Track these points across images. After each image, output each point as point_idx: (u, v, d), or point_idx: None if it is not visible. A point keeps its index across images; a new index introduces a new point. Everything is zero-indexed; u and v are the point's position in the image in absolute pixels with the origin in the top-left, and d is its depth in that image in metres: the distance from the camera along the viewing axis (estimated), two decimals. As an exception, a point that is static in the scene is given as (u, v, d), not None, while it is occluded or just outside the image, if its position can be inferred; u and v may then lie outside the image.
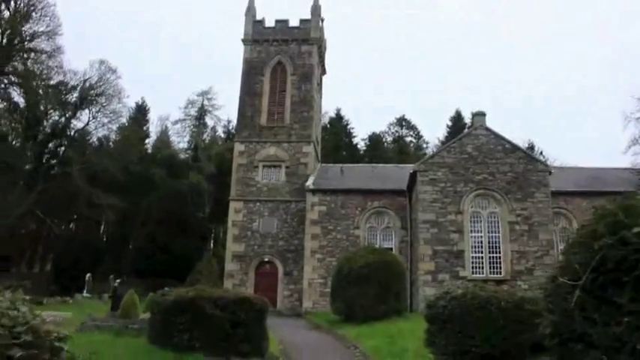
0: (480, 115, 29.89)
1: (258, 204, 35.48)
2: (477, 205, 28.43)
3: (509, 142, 29.32)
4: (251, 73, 38.47)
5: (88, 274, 37.81)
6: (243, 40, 39.20)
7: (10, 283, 40.17)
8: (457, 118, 67.94)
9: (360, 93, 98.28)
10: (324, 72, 43.88)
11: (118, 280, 23.88)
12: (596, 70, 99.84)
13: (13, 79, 47.25)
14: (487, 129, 29.56)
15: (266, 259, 34.70)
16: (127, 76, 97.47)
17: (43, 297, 35.31)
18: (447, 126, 67.62)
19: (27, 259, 51.97)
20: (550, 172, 28.84)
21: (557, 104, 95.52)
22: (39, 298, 34.66)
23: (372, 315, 20.01)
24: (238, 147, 37.05)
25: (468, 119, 64.68)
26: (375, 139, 69.35)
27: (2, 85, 48.10)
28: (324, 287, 30.45)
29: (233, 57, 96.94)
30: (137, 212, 49.47)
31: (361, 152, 67.21)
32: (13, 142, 52.20)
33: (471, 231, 28.01)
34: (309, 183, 33.92)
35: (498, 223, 28.09)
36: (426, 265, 27.36)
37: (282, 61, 38.74)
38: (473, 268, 27.43)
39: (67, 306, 28.56)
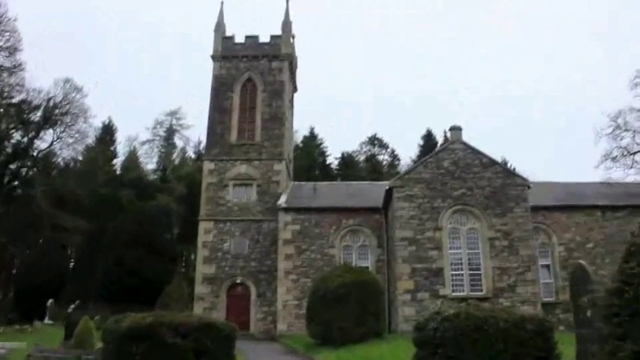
0: (456, 130, 29.21)
1: (228, 224, 34.21)
2: (455, 221, 27.63)
3: (486, 156, 28.65)
4: (220, 89, 37.41)
5: (50, 300, 36.07)
6: (213, 57, 38.18)
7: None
8: (428, 137, 67.78)
9: (332, 111, 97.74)
10: (295, 89, 43.01)
11: (72, 306, 22.25)
12: (564, 83, 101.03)
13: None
14: (464, 143, 28.89)
15: (238, 281, 33.37)
16: (93, 95, 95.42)
17: (-1, 325, 33.55)
18: (419, 145, 67.36)
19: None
20: (529, 187, 28.21)
21: (525, 121, 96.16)
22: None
23: (350, 338, 18.96)
24: (208, 165, 35.81)
25: (439, 137, 64.71)
26: (347, 158, 68.77)
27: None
28: (300, 309, 29.25)
29: (203, 75, 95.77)
30: (104, 235, 47.77)
31: (334, 171, 66.48)
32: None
33: (450, 248, 27.14)
34: (282, 201, 32.81)
35: (478, 239, 27.29)
36: (405, 283, 26.36)
37: (252, 77, 37.78)
38: (453, 285, 26.52)
39: (25, 335, 26.88)
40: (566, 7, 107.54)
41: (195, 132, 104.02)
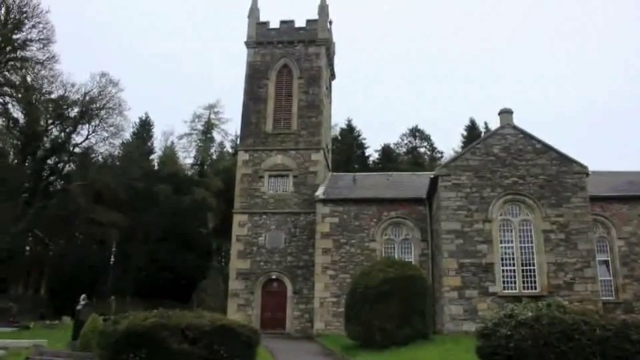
0: (506, 113, 26.92)
1: (264, 217, 32.66)
2: (506, 212, 25.44)
3: (540, 141, 26.33)
4: (255, 77, 35.86)
5: (82, 295, 34.97)
6: (246, 43, 36.66)
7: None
8: (472, 127, 65.40)
9: (370, 103, 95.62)
10: (333, 76, 41.20)
11: (82, 302, 20.82)
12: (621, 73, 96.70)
13: (12, 92, 45.20)
14: (515, 127, 26.64)
15: (273, 277, 31.80)
16: (130, 90, 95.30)
17: (31, 321, 32.76)
18: (462, 136, 64.99)
19: (24, 279, 49.48)
20: (587, 174, 25.81)
21: (577, 111, 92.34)
22: (26, 322, 32.21)
23: (393, 340, 17.15)
24: (242, 156, 34.32)
25: (482, 128, 62.33)
26: (387, 151, 66.78)
27: (1, 101, 46.20)
28: (338, 307, 27.51)
29: (240, 68, 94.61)
30: (140, 230, 47.07)
31: (373, 164, 64.51)
32: (12, 159, 49.95)
33: (501, 241, 24.97)
34: (319, 193, 31.07)
35: (531, 231, 25.05)
36: (452, 280, 24.33)
37: (287, 64, 36.12)
38: (504, 282, 24.37)
39: (52, 331, 25.77)
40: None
41: (233, 126, 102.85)
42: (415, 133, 69.90)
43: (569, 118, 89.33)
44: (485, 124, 62.70)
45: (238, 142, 38.78)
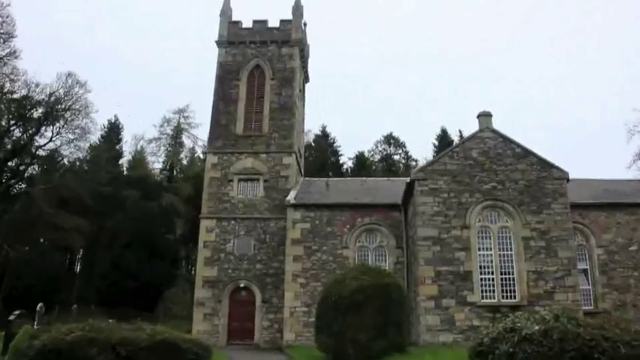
0: (485, 116, 25.97)
1: (232, 222, 31.21)
2: (485, 218, 24.44)
3: (519, 145, 25.44)
4: (226, 77, 34.51)
5: (40, 304, 33.07)
6: (218, 42, 35.32)
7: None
8: (443, 136, 64.83)
9: (345, 109, 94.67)
10: (307, 79, 40.03)
11: (15, 312, 19.16)
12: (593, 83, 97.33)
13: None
14: (494, 131, 25.73)
15: (242, 285, 30.33)
16: (98, 92, 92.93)
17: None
18: (434, 145, 64.38)
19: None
20: (568, 180, 24.97)
21: (545, 117, 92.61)
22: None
23: (367, 353, 15.89)
24: (211, 159, 32.85)
25: (454, 137, 61.89)
26: (362, 158, 65.86)
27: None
28: (309, 316, 26.18)
29: (211, 71, 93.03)
30: (105, 236, 45.27)
31: (347, 172, 63.49)
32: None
33: (480, 249, 23.95)
34: (291, 197, 29.77)
35: (511, 238, 24.08)
36: (428, 288, 23.20)
37: (260, 64, 34.85)
38: (483, 292, 23.33)
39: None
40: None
41: (204, 131, 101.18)
42: (390, 140, 69.21)
43: (562, 125, 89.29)
44: (460, 132, 62.25)
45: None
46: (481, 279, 23.48)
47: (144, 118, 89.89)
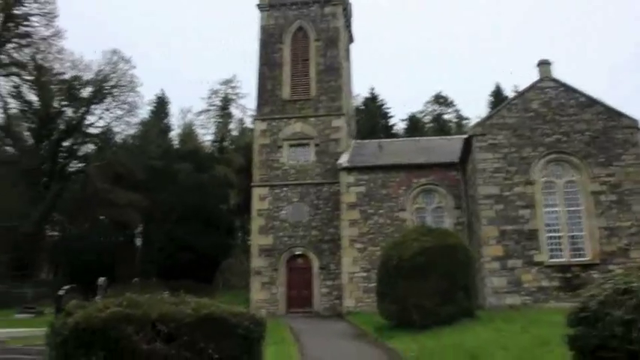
0: (545, 65, 24.36)
1: (285, 189, 30.65)
2: (550, 173, 23.08)
3: (583, 94, 23.81)
4: (269, 42, 33.60)
5: (101, 278, 33.64)
6: (259, 6, 34.35)
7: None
8: (497, 92, 62.34)
9: (392, 70, 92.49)
10: (351, 39, 38.68)
11: (65, 287, 18.99)
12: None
13: (22, 73, 43.94)
14: (555, 80, 24.12)
15: (298, 252, 29.88)
16: (143, 67, 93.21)
17: (47, 306, 31.44)
18: (489, 102, 61.98)
19: (45, 264, 48.58)
20: (638, 129, 23.27)
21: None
22: (43, 307, 30.86)
23: (433, 319, 15.04)
24: (259, 125, 32.22)
25: (509, 93, 59.41)
26: (413, 120, 64.16)
27: (12, 83, 45.05)
28: (369, 282, 25.49)
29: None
30: (159, 210, 45.54)
31: (399, 135, 62.03)
32: (29, 143, 48.87)
33: (545, 205, 22.68)
34: (343, 161, 28.94)
35: (579, 194, 22.69)
36: (492, 249, 22.15)
37: (303, 26, 33.75)
38: (550, 250, 22.12)
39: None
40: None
41: (252, 101, 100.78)
42: (439, 99, 67.14)
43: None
44: (515, 87, 59.72)
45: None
46: (548, 237, 22.28)
47: (190, 91, 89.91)
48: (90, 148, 51.86)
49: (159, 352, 5.90)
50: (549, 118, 23.46)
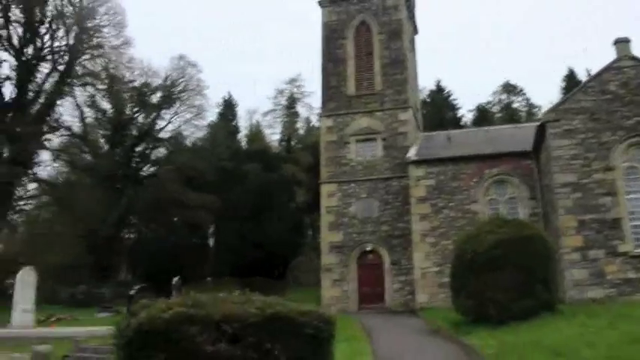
0: (623, 42, 23.04)
1: (353, 185, 30.40)
2: (631, 157, 21.77)
3: (666, 72, 22.40)
4: (332, 37, 33.40)
5: (175, 278, 34.42)
6: (320, 2, 34.21)
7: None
8: (570, 77, 59.77)
9: (458, 61, 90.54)
10: (415, 31, 37.98)
11: (136, 287, 19.25)
12: None
13: (96, 83, 45.64)
14: (634, 58, 22.76)
15: (368, 248, 29.58)
16: (209, 71, 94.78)
17: (124, 306, 32.43)
18: (561, 87, 59.53)
19: (122, 265, 50.31)
20: None
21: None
22: (121, 307, 31.86)
23: (512, 314, 14.43)
24: (325, 122, 32.12)
25: (582, 77, 56.86)
26: (482, 110, 62.47)
27: (88, 93, 46.91)
28: (442, 277, 24.88)
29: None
30: (230, 210, 46.27)
31: (467, 126, 60.54)
32: (104, 149, 50.74)
33: (628, 192, 21.45)
34: (411, 154, 28.42)
35: (665, 178, 21.38)
36: (571, 240, 21.10)
37: (365, 20, 33.35)
38: (636, 240, 20.88)
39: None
40: None
41: (317, 99, 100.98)
42: (508, 88, 65.13)
43: None
44: (588, 71, 57.17)
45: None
46: (632, 226, 21.05)
47: (254, 93, 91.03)
48: (161, 152, 53.21)
49: (223, 354, 5.73)
50: (628, 99, 22.18)
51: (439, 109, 61.10)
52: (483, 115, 61.23)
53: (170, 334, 5.84)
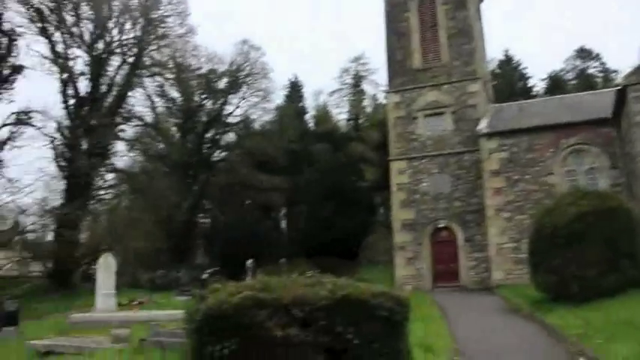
0: None
1: (423, 161, 29.79)
2: None
3: None
4: (394, 11, 32.56)
5: (250, 260, 34.96)
6: (380, -25, 33.44)
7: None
8: (652, 36, 56.46)
9: (525, 27, 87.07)
10: (481, -1, 36.60)
11: (208, 270, 19.34)
12: None
13: (164, 73, 46.64)
14: None
15: (441, 225, 28.97)
16: (272, 54, 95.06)
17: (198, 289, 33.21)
18: (641, 48, 56.32)
19: (198, 249, 51.62)
20: None
21: None
22: (195, 289, 32.63)
23: (595, 291, 13.68)
24: (392, 98, 31.51)
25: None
26: (555, 78, 59.91)
27: (157, 83, 48.01)
28: (518, 253, 24.15)
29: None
30: (300, 191, 46.57)
31: (540, 96, 58.23)
32: (175, 137, 51.98)
33: None
34: (482, 126, 27.53)
35: None
36: (658, 210, 19.89)
37: (429, -10, 32.40)
38: None
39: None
40: None
41: (383, 75, 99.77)
42: (582, 54, 62.11)
43: None
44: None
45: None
46: None
47: (319, 73, 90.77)
48: (231, 137, 54.05)
49: (294, 339, 5.55)
50: None
51: (509, 80, 59.13)
52: (556, 84, 58.68)
53: (240, 318, 5.70)
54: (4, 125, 34.57)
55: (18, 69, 35.26)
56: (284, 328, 5.62)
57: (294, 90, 62.98)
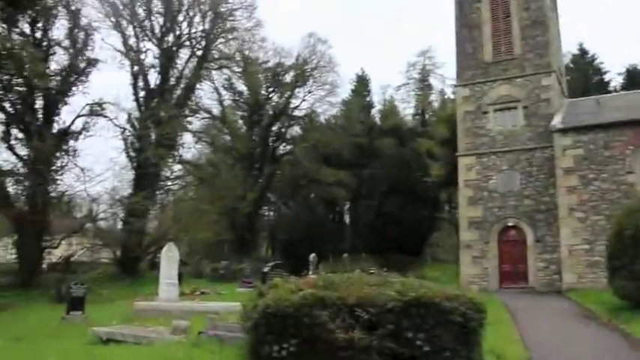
0: None
1: (493, 157, 28.74)
2: None
3: None
4: (466, 2, 31.51)
5: (312, 254, 34.81)
6: (452, -34, 32.46)
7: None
8: None
9: (602, 19, 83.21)
10: (557, -13, 35.00)
11: (269, 264, 19.01)
12: None
13: (231, 66, 47.17)
14: None
15: (510, 224, 27.88)
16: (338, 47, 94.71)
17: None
18: None
19: (262, 242, 52.05)
20: None
21: None
22: (258, 281, 32.74)
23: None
24: (461, 91, 30.52)
25: None
26: (633, 73, 56.96)
27: (224, 76, 48.58)
28: (592, 255, 23.02)
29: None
30: (365, 186, 46.16)
31: (616, 91, 55.46)
32: (242, 130, 52.51)
33: None
34: (556, 122, 26.28)
35: None
36: None
37: (501, -20, 31.21)
38: None
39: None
40: None
41: (451, 69, 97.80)
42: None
43: None
44: None
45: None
46: None
47: (386, 67, 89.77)
48: (296, 130, 54.17)
49: (358, 343, 5.13)
50: None
51: (584, 75, 56.56)
52: (635, 78, 55.89)
53: (300, 318, 5.31)
54: (79, 116, 35.79)
55: (93, 62, 36.52)
56: (347, 330, 5.21)
57: (361, 84, 62.45)
